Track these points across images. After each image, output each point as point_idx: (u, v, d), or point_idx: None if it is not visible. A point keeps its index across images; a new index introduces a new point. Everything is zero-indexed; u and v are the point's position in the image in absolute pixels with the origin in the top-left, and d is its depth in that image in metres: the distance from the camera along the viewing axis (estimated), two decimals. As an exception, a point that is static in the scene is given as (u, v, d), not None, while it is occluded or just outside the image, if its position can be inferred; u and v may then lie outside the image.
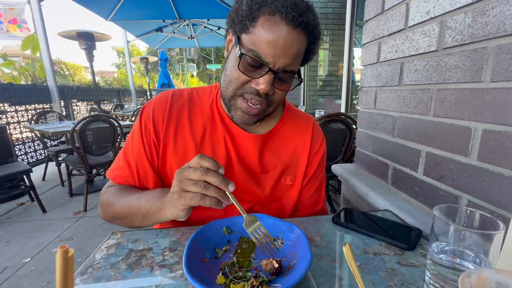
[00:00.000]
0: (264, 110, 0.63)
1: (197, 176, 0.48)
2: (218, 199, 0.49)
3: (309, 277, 0.48)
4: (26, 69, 6.73)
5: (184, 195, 0.50)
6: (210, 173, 0.48)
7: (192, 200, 0.49)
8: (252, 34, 0.55)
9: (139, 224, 0.62)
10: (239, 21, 0.56)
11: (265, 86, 0.56)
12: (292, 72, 0.58)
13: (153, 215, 0.58)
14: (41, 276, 1.68)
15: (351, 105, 3.19)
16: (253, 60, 0.55)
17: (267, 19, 0.54)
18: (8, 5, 6.11)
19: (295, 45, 0.55)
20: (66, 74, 18.71)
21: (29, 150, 4.12)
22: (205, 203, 0.49)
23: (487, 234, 0.36)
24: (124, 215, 0.63)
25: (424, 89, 0.79)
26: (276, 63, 0.55)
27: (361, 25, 2.99)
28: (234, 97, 0.62)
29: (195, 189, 0.48)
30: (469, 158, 0.66)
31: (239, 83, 0.59)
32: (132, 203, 0.61)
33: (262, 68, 0.56)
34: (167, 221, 0.59)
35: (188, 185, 0.49)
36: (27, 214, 2.56)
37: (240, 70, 0.57)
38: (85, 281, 0.47)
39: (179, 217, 0.55)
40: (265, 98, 0.60)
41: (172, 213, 0.54)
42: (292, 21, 0.52)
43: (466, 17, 0.65)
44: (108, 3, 4.52)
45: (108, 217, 0.68)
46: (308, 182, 0.76)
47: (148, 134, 0.68)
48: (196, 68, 22.20)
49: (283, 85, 0.60)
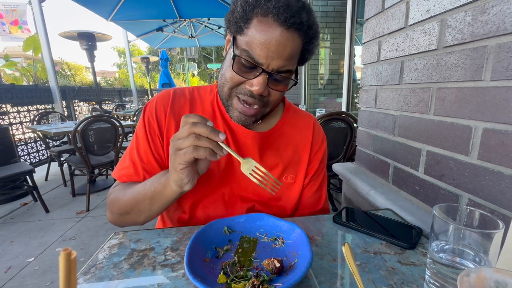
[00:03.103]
0: (260, 111, 0.63)
1: (186, 131, 0.49)
2: (212, 149, 0.50)
3: (310, 276, 0.49)
4: (28, 70, 6.76)
5: (179, 153, 0.50)
6: (198, 124, 0.49)
7: (187, 155, 0.49)
8: (246, 36, 0.55)
9: (148, 212, 0.61)
10: (234, 22, 0.57)
11: (259, 87, 0.56)
12: (288, 73, 0.58)
13: (160, 193, 0.58)
14: (45, 276, 1.70)
15: (352, 104, 3.18)
16: (247, 61, 0.55)
17: (260, 20, 0.54)
18: (10, 6, 6.13)
19: (289, 46, 0.55)
20: (67, 75, 18.75)
21: (31, 151, 4.14)
22: (199, 154, 0.49)
23: (486, 233, 0.36)
24: (132, 206, 0.62)
25: (424, 88, 0.79)
26: (270, 64, 0.55)
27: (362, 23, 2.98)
28: (230, 97, 0.62)
29: (187, 143, 0.49)
30: (469, 157, 0.65)
31: (233, 83, 0.59)
32: (138, 190, 0.61)
33: (256, 69, 0.56)
34: (175, 195, 0.57)
35: (180, 143, 0.49)
36: (30, 214, 2.58)
37: (234, 71, 0.57)
38: (88, 281, 0.48)
39: (182, 183, 0.53)
40: (259, 99, 0.60)
41: (175, 180, 0.53)
42: (285, 22, 0.52)
43: (466, 16, 0.64)
44: (109, 3, 4.53)
45: (116, 216, 0.66)
46: (309, 181, 0.76)
47: (152, 130, 0.68)
48: (197, 67, 22.19)
49: (279, 85, 0.60)
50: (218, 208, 0.71)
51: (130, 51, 7.85)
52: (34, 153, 4.20)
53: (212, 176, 0.69)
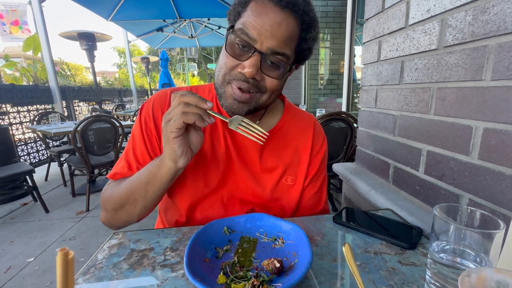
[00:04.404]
0: (254, 99, 0.61)
1: (176, 101, 0.51)
2: (201, 115, 0.51)
3: (310, 276, 0.49)
4: (28, 70, 6.76)
5: (169, 123, 0.51)
6: (186, 94, 0.51)
7: (177, 120, 0.50)
8: (242, 18, 0.57)
9: (144, 200, 0.60)
10: (233, 11, 0.60)
11: (251, 69, 0.55)
12: (283, 56, 0.57)
13: (155, 176, 0.58)
14: (45, 276, 1.70)
15: (352, 104, 3.18)
16: (240, 40, 0.56)
17: (256, 2, 0.56)
18: (10, 7, 6.13)
19: (283, 27, 0.55)
20: (67, 75, 18.76)
21: (31, 151, 4.14)
22: (188, 118, 0.50)
23: (487, 233, 0.36)
24: (127, 197, 0.61)
25: (424, 88, 0.79)
26: (264, 43, 0.55)
27: (362, 23, 2.98)
28: (224, 84, 0.61)
29: (176, 110, 0.50)
30: (470, 157, 0.65)
31: (227, 68, 0.59)
32: (133, 179, 0.61)
33: (249, 50, 0.56)
34: (170, 174, 0.57)
35: (170, 114, 0.51)
36: (30, 214, 2.58)
37: (227, 52, 0.58)
38: (88, 281, 0.48)
39: (176, 155, 0.53)
40: (253, 84, 0.58)
41: (169, 153, 0.54)
42: (279, 2, 0.54)
43: (467, 15, 0.64)
44: (109, 3, 4.52)
45: (110, 213, 0.65)
46: (309, 182, 0.76)
47: (149, 131, 0.68)
48: (197, 67, 22.20)
49: (273, 71, 0.58)
50: (216, 210, 0.70)
51: (130, 51, 7.85)
52: (34, 153, 4.20)
53: (211, 177, 0.69)
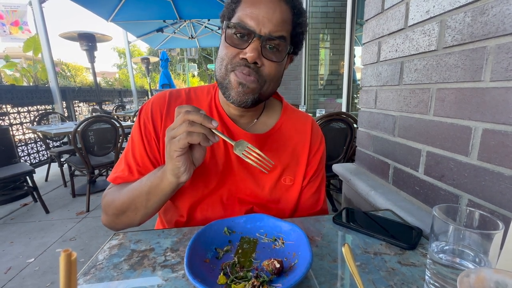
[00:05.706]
0: (258, 86, 0.61)
1: (180, 119, 0.50)
2: (206, 135, 0.51)
3: (310, 277, 0.49)
4: (28, 71, 6.76)
5: (173, 141, 0.51)
6: (191, 112, 0.50)
7: (181, 140, 0.50)
8: (236, 13, 0.59)
9: (144, 209, 0.61)
10: (226, 10, 0.61)
11: (253, 53, 0.56)
12: (281, 39, 0.59)
13: (156, 187, 0.58)
14: (45, 276, 1.70)
15: (352, 104, 3.18)
16: (239, 30, 0.57)
17: None
18: (10, 7, 6.13)
19: (278, 11, 0.57)
20: (67, 75, 18.77)
21: (31, 151, 4.15)
22: (193, 139, 0.50)
23: (486, 233, 0.36)
24: (128, 204, 0.61)
25: (424, 89, 0.79)
26: (262, 29, 0.57)
27: (361, 24, 2.98)
28: (227, 74, 0.61)
29: (181, 129, 0.50)
30: (469, 158, 0.66)
31: (228, 58, 0.59)
32: (134, 187, 0.61)
33: (249, 37, 0.58)
34: (172, 187, 0.57)
35: (175, 132, 0.51)
36: (30, 215, 2.58)
37: (227, 43, 0.59)
38: (88, 282, 0.48)
39: (179, 172, 0.53)
40: (255, 69, 0.59)
41: (172, 169, 0.54)
42: None
43: (466, 17, 0.64)
44: (109, 4, 4.54)
45: (111, 217, 0.66)
46: (308, 182, 0.76)
47: (148, 133, 0.68)
48: (197, 68, 22.21)
49: (273, 55, 0.60)
50: (216, 210, 0.70)
51: (130, 51, 7.86)
52: (34, 153, 4.20)
53: (210, 178, 0.69)
